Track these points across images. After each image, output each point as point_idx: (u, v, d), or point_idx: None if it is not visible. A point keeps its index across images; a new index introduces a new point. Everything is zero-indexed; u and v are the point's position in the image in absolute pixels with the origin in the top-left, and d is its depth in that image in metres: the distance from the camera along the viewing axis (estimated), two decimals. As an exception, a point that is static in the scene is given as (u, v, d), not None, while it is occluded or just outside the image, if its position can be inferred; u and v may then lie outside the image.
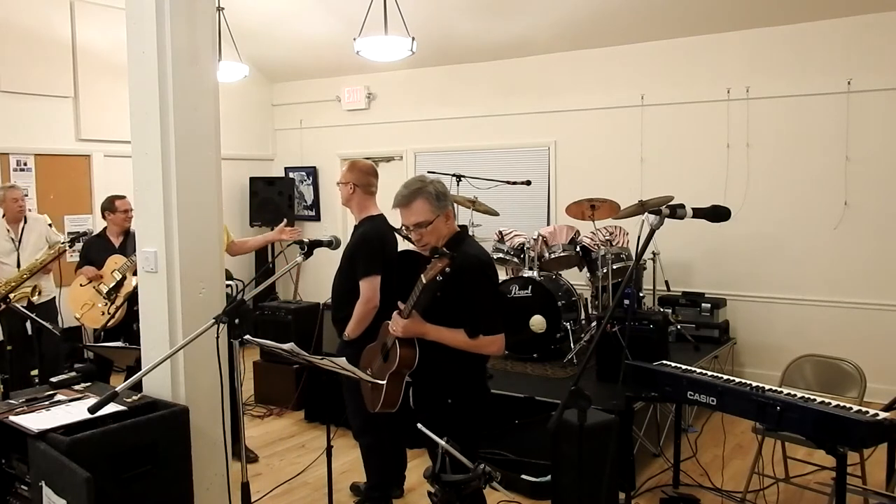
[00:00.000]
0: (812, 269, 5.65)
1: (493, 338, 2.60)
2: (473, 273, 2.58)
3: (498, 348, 2.65)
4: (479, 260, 2.64)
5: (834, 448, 2.88)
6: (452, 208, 2.70)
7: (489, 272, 2.67)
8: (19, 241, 5.25)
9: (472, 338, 2.58)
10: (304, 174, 8.37)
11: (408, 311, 2.61)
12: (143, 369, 2.66)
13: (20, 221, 5.31)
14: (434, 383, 2.69)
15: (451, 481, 2.16)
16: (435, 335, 2.63)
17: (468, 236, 2.78)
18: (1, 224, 5.26)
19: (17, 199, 5.26)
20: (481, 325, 2.58)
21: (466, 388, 2.69)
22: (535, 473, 3.89)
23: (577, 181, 6.51)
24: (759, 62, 5.75)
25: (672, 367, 3.63)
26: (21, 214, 5.30)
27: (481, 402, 2.76)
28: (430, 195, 2.62)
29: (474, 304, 2.59)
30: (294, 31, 7.13)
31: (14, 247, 5.23)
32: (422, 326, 2.63)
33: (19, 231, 5.28)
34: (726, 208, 2.43)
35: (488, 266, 2.68)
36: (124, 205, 5.07)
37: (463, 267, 2.49)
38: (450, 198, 2.70)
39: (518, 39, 6.54)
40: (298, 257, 2.97)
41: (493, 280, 2.71)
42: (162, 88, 2.95)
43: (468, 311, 2.58)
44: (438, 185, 2.68)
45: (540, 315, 5.10)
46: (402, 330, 2.64)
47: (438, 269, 2.40)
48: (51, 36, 6.36)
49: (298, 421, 5.17)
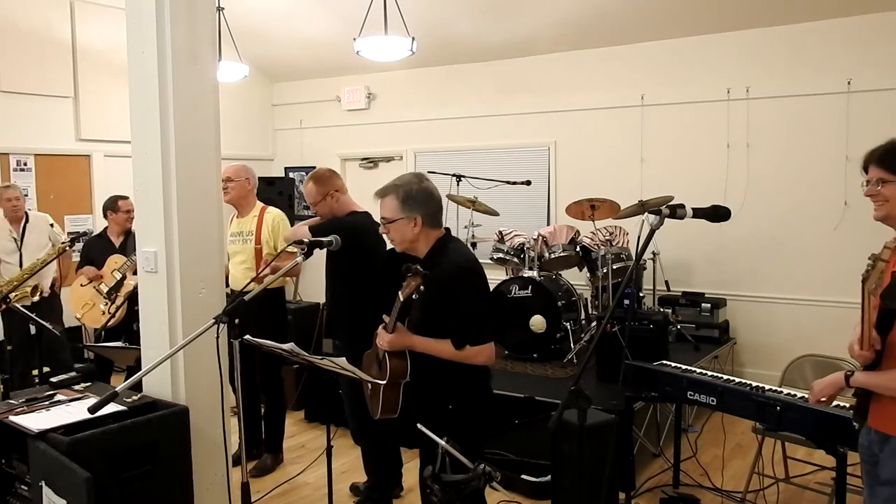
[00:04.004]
0: (812, 269, 5.65)
1: (480, 348, 2.53)
2: (456, 282, 2.51)
3: (486, 358, 2.58)
4: (460, 268, 2.55)
5: (834, 448, 2.89)
6: (427, 221, 2.58)
7: (473, 278, 2.58)
8: (21, 240, 5.25)
9: (458, 349, 2.51)
10: (304, 174, 8.36)
11: (391, 326, 2.58)
12: (143, 369, 2.65)
13: (21, 221, 5.31)
14: (434, 389, 2.64)
15: (452, 481, 2.15)
16: (422, 347, 2.58)
17: (452, 240, 2.68)
18: (3, 223, 5.27)
19: (10, 199, 5.23)
20: (467, 335, 2.51)
21: (467, 393, 2.63)
22: (535, 473, 3.89)
23: (577, 181, 6.51)
24: (759, 62, 5.75)
25: (672, 367, 3.63)
26: (18, 214, 5.28)
27: (483, 407, 2.70)
28: (399, 196, 2.57)
29: (459, 313, 2.52)
30: (294, 31, 7.13)
31: (16, 246, 5.23)
32: (408, 339, 2.59)
33: (21, 230, 5.28)
34: (726, 208, 2.42)
35: (472, 272, 2.58)
36: (127, 205, 5.07)
37: (444, 276, 2.47)
38: (426, 208, 2.58)
39: (518, 39, 6.54)
40: (298, 257, 2.96)
41: (478, 286, 2.60)
42: (162, 88, 2.95)
43: (453, 322, 2.52)
44: (414, 190, 2.57)
45: (540, 315, 5.10)
46: (387, 344, 2.60)
47: (413, 287, 2.40)
48: (51, 36, 6.36)
49: (298, 421, 5.17)
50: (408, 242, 2.63)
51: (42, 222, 5.41)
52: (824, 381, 2.28)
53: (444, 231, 2.69)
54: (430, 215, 2.60)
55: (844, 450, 2.88)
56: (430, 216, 2.60)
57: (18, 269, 5.06)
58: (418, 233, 2.59)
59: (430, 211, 2.60)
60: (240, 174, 4.24)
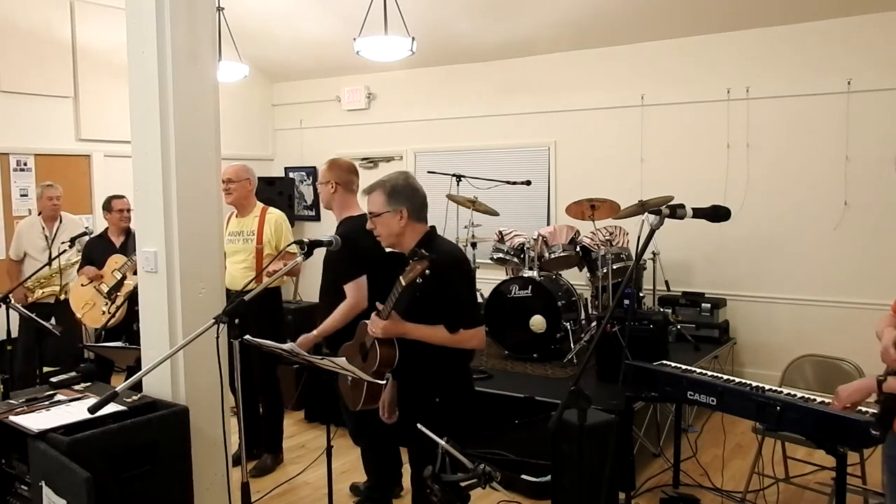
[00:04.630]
0: (812, 269, 5.65)
1: (473, 331, 2.65)
2: (450, 269, 2.61)
3: (479, 341, 2.71)
4: (454, 256, 2.71)
5: (834, 448, 2.88)
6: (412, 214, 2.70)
7: (465, 267, 2.76)
8: (52, 239, 5.32)
9: (452, 332, 2.61)
10: (304, 174, 8.37)
11: (387, 313, 2.62)
12: (143, 369, 2.66)
13: (56, 220, 5.43)
14: (420, 383, 2.71)
15: (452, 481, 2.15)
16: (415, 333, 2.65)
17: (437, 236, 2.81)
18: (37, 221, 5.36)
19: (52, 198, 5.43)
20: (461, 319, 2.62)
21: (453, 385, 2.72)
22: (535, 473, 3.89)
23: (577, 181, 6.51)
24: (759, 62, 5.75)
25: (672, 367, 3.63)
26: (56, 212, 5.47)
27: (468, 399, 2.79)
28: (385, 190, 2.70)
29: (453, 299, 2.63)
30: (294, 31, 7.13)
31: (47, 245, 5.31)
32: (402, 326, 2.65)
33: (54, 230, 5.38)
34: (726, 208, 2.42)
35: (463, 261, 2.79)
36: (119, 204, 5.10)
37: (439, 264, 2.51)
38: (411, 202, 2.70)
39: (518, 39, 6.54)
40: (298, 257, 2.97)
41: (469, 275, 2.81)
42: (162, 88, 2.95)
43: (447, 307, 2.62)
44: (400, 185, 2.71)
45: (540, 315, 5.10)
46: (381, 331, 2.64)
47: (418, 271, 2.42)
48: (51, 36, 6.35)
49: (298, 421, 5.17)
50: (394, 237, 2.73)
51: (74, 226, 5.50)
52: (852, 387, 2.23)
53: (430, 228, 2.78)
54: (416, 209, 2.72)
55: (844, 450, 2.88)
56: (416, 210, 2.72)
57: (47, 267, 5.12)
58: (404, 226, 2.70)
59: (416, 205, 2.72)
60: (241, 175, 4.24)
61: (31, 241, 5.38)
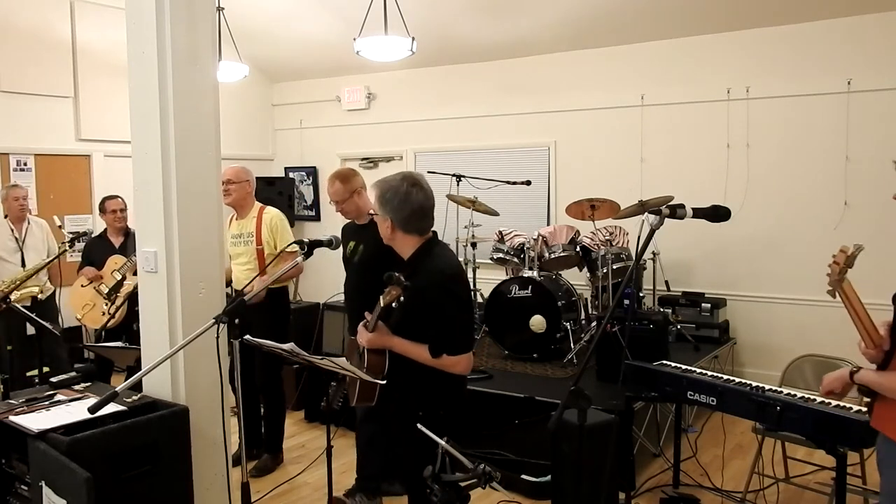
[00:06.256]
0: (812, 269, 5.59)
1: (456, 358, 2.53)
2: (436, 290, 2.51)
3: (463, 368, 2.58)
4: (443, 274, 2.55)
5: (834, 448, 2.89)
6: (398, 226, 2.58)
7: (455, 286, 2.57)
8: (23, 240, 5.28)
9: (434, 357, 2.51)
10: (304, 174, 8.37)
11: (372, 326, 2.59)
12: (143, 369, 2.65)
13: (23, 221, 5.36)
14: (407, 393, 2.63)
15: (452, 481, 2.15)
16: (400, 348, 2.58)
17: (438, 244, 2.66)
18: (4, 224, 5.30)
19: (17, 198, 5.32)
20: (444, 344, 2.51)
21: (440, 400, 2.60)
22: (535, 473, 3.89)
23: (577, 181, 6.51)
24: (759, 62, 5.75)
25: (672, 367, 3.63)
26: (23, 213, 5.36)
27: (454, 417, 2.64)
28: (377, 194, 2.62)
29: (437, 322, 2.51)
30: (294, 31, 7.13)
31: (18, 246, 5.26)
32: (388, 339, 2.59)
33: (23, 231, 5.32)
34: (726, 208, 2.43)
35: (454, 280, 2.58)
36: (113, 205, 5.10)
37: (425, 283, 2.47)
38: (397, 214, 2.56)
39: (518, 39, 6.54)
40: (298, 257, 2.96)
41: (459, 294, 2.59)
42: (162, 88, 2.95)
43: (433, 329, 2.52)
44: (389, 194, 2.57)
45: (540, 315, 5.10)
46: (367, 343, 2.61)
47: (393, 296, 2.40)
48: (51, 36, 6.36)
49: (298, 421, 5.17)
50: (387, 239, 2.68)
51: (40, 229, 5.46)
52: (832, 375, 2.30)
53: (432, 234, 2.67)
54: (402, 221, 2.58)
55: (844, 450, 2.88)
56: (402, 222, 2.58)
57: (20, 268, 5.08)
58: (391, 235, 2.63)
59: (402, 217, 2.57)
60: (240, 176, 4.24)
61: (2, 243, 5.25)
